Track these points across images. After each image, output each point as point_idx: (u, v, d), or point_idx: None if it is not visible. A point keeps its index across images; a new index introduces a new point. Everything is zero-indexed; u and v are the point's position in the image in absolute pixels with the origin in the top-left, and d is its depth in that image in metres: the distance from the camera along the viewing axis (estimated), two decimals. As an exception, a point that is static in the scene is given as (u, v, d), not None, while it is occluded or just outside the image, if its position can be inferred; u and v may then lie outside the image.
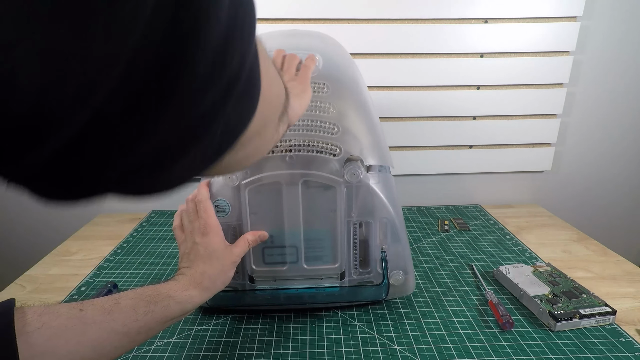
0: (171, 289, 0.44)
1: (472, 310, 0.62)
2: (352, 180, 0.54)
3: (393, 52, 0.92)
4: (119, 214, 1.00)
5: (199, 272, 0.47)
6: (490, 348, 0.54)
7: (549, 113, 0.98)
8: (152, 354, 0.54)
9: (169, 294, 0.43)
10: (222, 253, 0.50)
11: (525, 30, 0.92)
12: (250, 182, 0.54)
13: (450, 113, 0.97)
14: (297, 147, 0.54)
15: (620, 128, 1.02)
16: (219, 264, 0.49)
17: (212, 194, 0.55)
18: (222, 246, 0.51)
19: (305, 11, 0.88)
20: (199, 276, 0.47)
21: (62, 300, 0.65)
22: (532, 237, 0.86)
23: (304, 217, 0.56)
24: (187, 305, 0.44)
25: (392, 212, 0.57)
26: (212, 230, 0.50)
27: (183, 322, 0.60)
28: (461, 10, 0.90)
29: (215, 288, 0.48)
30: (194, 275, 0.47)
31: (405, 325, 0.59)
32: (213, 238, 0.50)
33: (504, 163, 1.02)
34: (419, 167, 1.01)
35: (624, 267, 0.75)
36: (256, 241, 0.55)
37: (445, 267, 0.74)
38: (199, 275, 0.47)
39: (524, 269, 0.69)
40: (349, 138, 0.54)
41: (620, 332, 0.57)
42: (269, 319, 0.60)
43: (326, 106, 0.55)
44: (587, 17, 0.92)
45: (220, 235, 0.51)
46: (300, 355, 0.53)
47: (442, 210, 1.00)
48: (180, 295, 0.44)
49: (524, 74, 0.95)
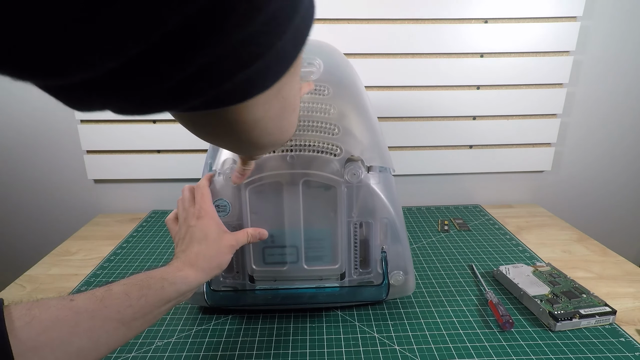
0: (165, 271, 0.43)
1: (472, 310, 0.62)
2: (352, 180, 0.54)
3: (393, 52, 0.92)
4: (119, 214, 1.00)
5: (194, 253, 0.47)
6: (490, 348, 0.54)
7: (549, 113, 0.98)
8: (152, 354, 0.54)
9: (162, 276, 0.42)
10: (218, 235, 0.49)
11: (525, 30, 0.92)
12: (251, 181, 0.54)
13: (450, 113, 0.97)
14: (297, 147, 0.54)
15: (621, 128, 1.02)
16: (215, 245, 0.48)
17: (213, 194, 0.55)
18: (218, 229, 0.50)
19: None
20: (193, 257, 0.46)
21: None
22: (532, 237, 0.86)
23: (305, 217, 0.56)
24: (181, 286, 0.43)
25: (393, 212, 0.57)
26: (208, 214, 0.50)
27: (183, 322, 0.60)
28: (461, 10, 0.90)
29: (210, 269, 0.47)
30: (188, 256, 0.46)
31: (405, 325, 0.59)
32: (208, 221, 0.49)
33: (504, 163, 1.02)
34: (419, 167, 1.01)
35: (624, 267, 0.75)
36: (255, 237, 0.54)
37: (445, 267, 0.74)
38: (193, 256, 0.46)
39: (524, 269, 0.69)
40: (349, 138, 0.54)
41: (620, 332, 0.57)
42: (269, 319, 0.60)
43: (327, 107, 0.55)
44: (587, 17, 0.92)
45: (215, 219, 0.51)
46: (300, 355, 0.53)
47: (442, 210, 1.00)
48: (174, 275, 0.43)
49: (524, 74, 0.95)
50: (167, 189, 1.02)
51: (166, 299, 0.41)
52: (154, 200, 1.02)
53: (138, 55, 0.15)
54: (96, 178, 1.00)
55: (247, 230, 0.54)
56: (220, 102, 0.21)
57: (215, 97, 0.20)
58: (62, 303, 0.35)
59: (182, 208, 0.52)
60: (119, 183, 1.01)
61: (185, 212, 0.51)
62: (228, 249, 0.49)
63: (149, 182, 1.01)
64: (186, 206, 0.52)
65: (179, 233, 0.50)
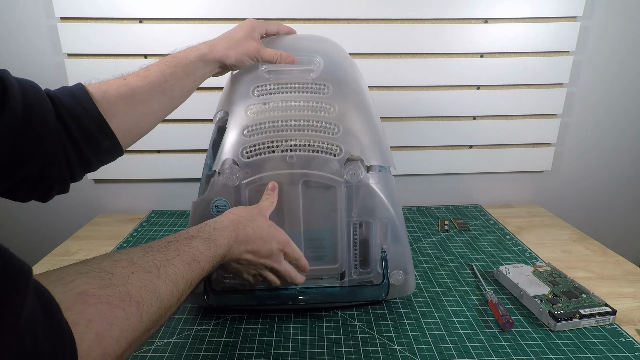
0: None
1: (472, 310, 0.62)
2: (352, 180, 0.54)
3: (393, 52, 0.92)
4: (119, 214, 1.00)
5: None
6: (490, 348, 0.54)
7: (549, 113, 0.98)
8: (152, 354, 0.54)
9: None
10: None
11: (525, 30, 0.92)
12: (251, 181, 0.54)
13: (450, 113, 0.97)
14: (297, 147, 0.54)
15: (620, 128, 1.02)
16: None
17: (212, 195, 0.55)
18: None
19: (306, 11, 0.88)
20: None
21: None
22: (532, 237, 0.86)
23: (305, 217, 0.56)
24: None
25: (393, 212, 0.57)
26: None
27: (183, 322, 0.60)
28: (461, 10, 0.90)
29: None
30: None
31: (405, 325, 0.59)
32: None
33: (504, 163, 1.02)
34: (419, 167, 1.01)
35: (624, 267, 0.75)
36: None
37: (445, 267, 0.74)
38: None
39: (524, 269, 0.69)
40: (350, 138, 0.54)
41: (620, 332, 0.57)
42: (269, 319, 0.60)
43: (327, 106, 0.55)
44: (587, 17, 0.92)
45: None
46: (300, 355, 0.53)
47: (442, 210, 1.00)
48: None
49: (524, 74, 0.95)
50: (167, 189, 1.01)
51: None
52: (154, 200, 1.02)
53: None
54: (96, 178, 1.00)
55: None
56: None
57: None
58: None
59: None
60: (119, 183, 1.01)
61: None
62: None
63: (149, 182, 1.01)
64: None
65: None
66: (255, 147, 0.54)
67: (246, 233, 0.47)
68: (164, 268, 0.35)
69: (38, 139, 0.40)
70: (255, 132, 0.54)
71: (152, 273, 0.33)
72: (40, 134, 0.40)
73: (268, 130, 0.54)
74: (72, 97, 0.44)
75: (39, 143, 0.41)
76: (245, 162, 0.54)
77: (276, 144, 0.54)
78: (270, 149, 0.54)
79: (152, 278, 0.33)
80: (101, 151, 0.47)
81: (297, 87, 0.57)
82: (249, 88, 0.57)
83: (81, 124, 0.44)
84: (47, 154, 0.42)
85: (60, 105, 0.43)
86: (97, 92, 0.45)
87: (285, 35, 0.64)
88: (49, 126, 0.41)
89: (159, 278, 0.34)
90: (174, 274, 0.35)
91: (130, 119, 0.48)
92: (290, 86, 0.57)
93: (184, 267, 0.37)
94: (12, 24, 0.87)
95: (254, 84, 0.57)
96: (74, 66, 0.89)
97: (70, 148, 0.44)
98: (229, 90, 0.60)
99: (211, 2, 0.87)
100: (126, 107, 0.47)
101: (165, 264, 0.35)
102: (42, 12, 0.87)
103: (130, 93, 0.47)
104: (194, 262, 0.39)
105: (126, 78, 0.49)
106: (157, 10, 0.87)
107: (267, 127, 0.54)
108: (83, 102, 0.44)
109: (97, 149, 0.46)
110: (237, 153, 0.54)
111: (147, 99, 0.49)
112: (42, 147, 0.41)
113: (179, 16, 0.87)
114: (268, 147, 0.54)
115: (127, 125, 0.48)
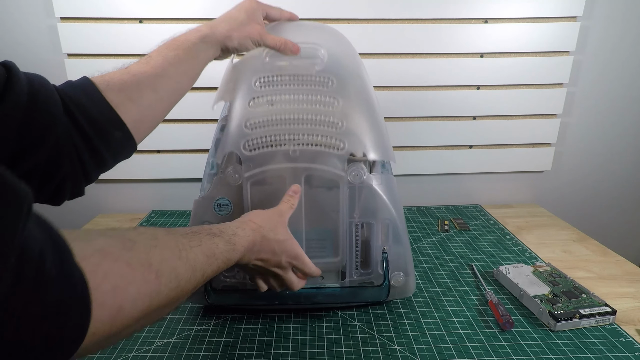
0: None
1: (472, 310, 0.62)
2: (355, 181, 0.54)
3: (393, 52, 0.92)
4: (119, 214, 1.00)
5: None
6: (490, 348, 0.54)
7: (549, 113, 0.98)
8: (152, 354, 0.54)
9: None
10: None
11: (525, 30, 0.92)
12: (253, 175, 0.54)
13: (450, 113, 0.97)
14: (301, 141, 0.53)
15: (620, 128, 1.02)
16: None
17: (214, 193, 0.55)
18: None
19: (306, 12, 0.88)
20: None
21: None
22: (532, 237, 0.86)
23: (306, 216, 0.56)
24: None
25: (394, 213, 0.57)
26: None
27: (183, 322, 0.60)
28: (461, 10, 0.90)
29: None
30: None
31: (405, 325, 0.59)
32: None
33: (504, 163, 1.02)
34: (419, 167, 1.01)
35: (624, 267, 0.75)
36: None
37: (445, 267, 0.74)
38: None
39: (524, 269, 0.69)
40: (353, 133, 0.54)
41: (620, 332, 0.57)
42: (269, 319, 0.60)
43: (331, 100, 0.54)
44: (587, 17, 0.92)
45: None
46: (300, 355, 0.53)
47: (442, 210, 1.00)
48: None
49: (524, 74, 0.95)
50: (167, 189, 1.01)
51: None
52: (154, 200, 1.02)
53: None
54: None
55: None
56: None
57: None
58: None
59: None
60: (119, 183, 1.01)
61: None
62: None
63: (149, 182, 1.01)
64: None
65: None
66: (257, 140, 0.53)
67: (261, 244, 0.47)
68: (185, 251, 0.34)
69: (44, 128, 0.40)
70: (257, 125, 0.53)
71: (174, 253, 0.33)
72: (46, 123, 0.40)
73: (270, 123, 0.53)
74: (77, 89, 0.44)
75: (45, 133, 0.40)
76: (247, 156, 0.54)
77: (279, 140, 0.53)
78: (276, 143, 0.53)
79: (173, 257, 0.33)
80: (113, 143, 0.45)
81: (301, 79, 0.55)
82: (252, 79, 0.55)
83: (89, 115, 0.43)
84: (54, 145, 0.40)
85: (66, 97, 0.42)
86: (101, 83, 0.45)
87: (288, 22, 0.61)
88: (56, 116, 0.40)
89: (180, 259, 0.33)
90: (194, 260, 0.35)
91: (138, 108, 0.47)
92: (294, 78, 0.55)
93: (203, 258, 0.37)
94: (12, 24, 0.87)
95: (257, 75, 0.55)
96: (74, 66, 0.89)
97: (80, 141, 0.43)
98: (230, 79, 0.57)
99: (211, 2, 0.87)
100: (132, 95, 0.46)
101: (187, 249, 0.35)
102: (42, 12, 0.87)
103: (134, 80, 0.47)
104: (213, 258, 0.38)
105: (128, 67, 0.48)
106: (157, 10, 0.87)
107: (269, 120, 0.53)
108: (89, 93, 0.44)
109: (109, 140, 0.45)
110: (238, 146, 0.53)
111: (152, 85, 0.48)
112: (49, 137, 0.40)
113: (179, 16, 0.87)
114: (270, 141, 0.53)
115: (136, 114, 0.47)
